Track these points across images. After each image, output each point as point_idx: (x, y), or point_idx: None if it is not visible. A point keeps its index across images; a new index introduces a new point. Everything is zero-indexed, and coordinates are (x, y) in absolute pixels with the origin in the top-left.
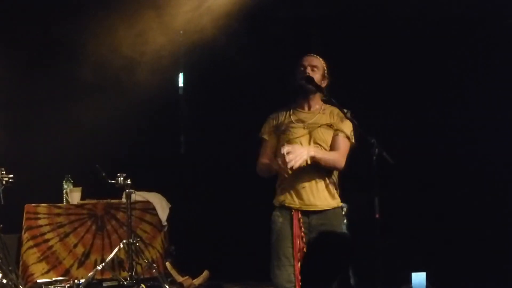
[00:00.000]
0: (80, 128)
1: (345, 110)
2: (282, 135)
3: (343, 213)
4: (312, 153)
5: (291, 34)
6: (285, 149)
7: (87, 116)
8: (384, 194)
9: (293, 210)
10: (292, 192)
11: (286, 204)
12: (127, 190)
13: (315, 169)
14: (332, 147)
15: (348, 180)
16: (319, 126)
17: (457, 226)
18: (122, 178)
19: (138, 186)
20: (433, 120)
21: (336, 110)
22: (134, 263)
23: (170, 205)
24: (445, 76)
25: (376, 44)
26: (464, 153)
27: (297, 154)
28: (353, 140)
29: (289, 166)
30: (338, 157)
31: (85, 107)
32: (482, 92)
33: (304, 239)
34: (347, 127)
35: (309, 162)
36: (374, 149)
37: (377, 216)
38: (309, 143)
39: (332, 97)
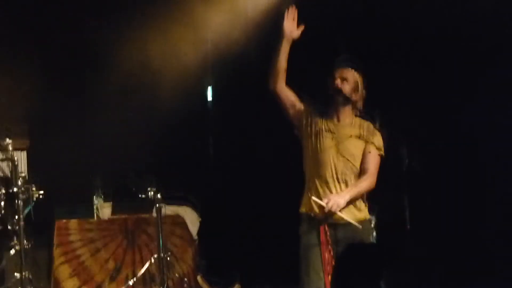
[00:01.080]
0: (109, 142)
1: (376, 122)
2: (312, 136)
3: (372, 225)
4: (347, 197)
5: (320, 42)
6: (324, 203)
7: (116, 131)
8: (415, 203)
9: (321, 224)
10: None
11: (313, 215)
12: (157, 205)
13: (343, 183)
14: (363, 166)
15: (378, 190)
16: (347, 139)
17: (487, 234)
18: (152, 193)
19: (168, 200)
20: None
21: (366, 123)
22: (165, 277)
23: (200, 219)
24: (477, 87)
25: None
26: (495, 161)
27: (334, 203)
28: (383, 153)
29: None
30: (371, 182)
31: (115, 122)
32: None
33: (332, 253)
34: (378, 140)
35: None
36: (404, 159)
37: (408, 227)
38: (336, 156)
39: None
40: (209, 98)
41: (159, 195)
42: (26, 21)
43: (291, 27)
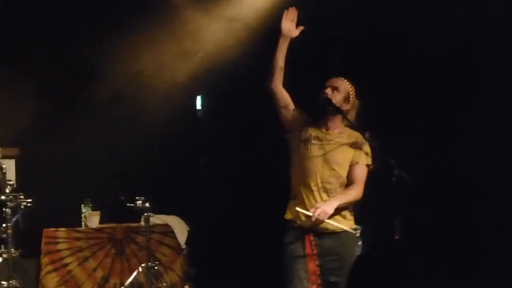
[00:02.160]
0: (98, 151)
1: (365, 132)
2: (300, 143)
3: (357, 235)
4: (335, 204)
5: (312, 56)
6: (311, 212)
7: (105, 140)
8: (404, 215)
9: (306, 233)
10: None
11: (298, 223)
12: (145, 214)
13: (326, 192)
14: (351, 177)
15: (368, 201)
16: (335, 148)
17: (479, 246)
18: (140, 202)
19: (157, 209)
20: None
21: (355, 134)
22: (153, 287)
23: (188, 228)
24: (467, 97)
25: (396, 65)
26: (486, 173)
27: (321, 211)
28: (371, 162)
29: (318, 222)
30: (358, 192)
31: (103, 130)
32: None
33: (317, 262)
34: (366, 151)
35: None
36: (394, 170)
37: (396, 237)
38: (322, 164)
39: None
40: (198, 106)
41: (147, 204)
42: (15, 32)
43: (289, 26)
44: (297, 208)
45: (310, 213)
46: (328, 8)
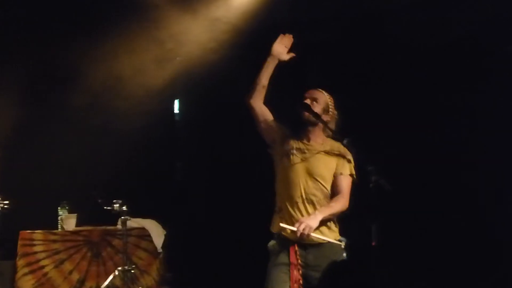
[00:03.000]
0: (75, 154)
1: (343, 139)
2: (283, 156)
3: (342, 246)
4: (319, 217)
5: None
6: (296, 227)
7: (83, 143)
8: (382, 221)
9: (291, 244)
10: (290, 224)
11: (284, 235)
12: (122, 217)
13: (311, 204)
14: (336, 188)
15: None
16: (317, 160)
17: (456, 252)
18: (118, 205)
19: (134, 212)
20: (432, 146)
21: (337, 144)
22: None
23: (165, 232)
24: (444, 103)
25: (375, 70)
26: (463, 179)
27: (305, 225)
28: (355, 174)
29: (304, 236)
30: (343, 203)
31: (80, 133)
32: (481, 118)
33: (300, 271)
34: (350, 162)
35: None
36: (371, 176)
37: (373, 244)
38: (306, 176)
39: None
40: (176, 110)
41: (124, 208)
42: None
43: (281, 50)
44: (281, 224)
45: (294, 228)
46: (307, 12)
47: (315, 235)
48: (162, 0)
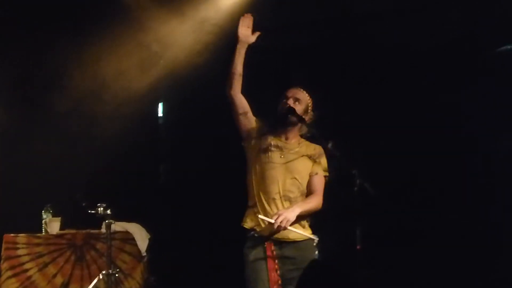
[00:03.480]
0: (59, 158)
1: (328, 142)
2: (260, 152)
3: (314, 244)
4: (297, 211)
5: (273, 64)
6: (273, 219)
7: (66, 146)
8: (366, 225)
9: (266, 242)
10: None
11: (258, 232)
12: (106, 221)
13: (288, 201)
14: (311, 187)
15: (330, 211)
16: (295, 158)
17: (439, 257)
18: (102, 208)
19: (118, 216)
20: (417, 150)
21: (312, 145)
22: None
23: (149, 236)
24: (430, 107)
25: (358, 75)
26: (448, 184)
27: (284, 218)
28: (328, 174)
29: (281, 229)
30: (318, 201)
31: (64, 137)
32: (467, 122)
33: (278, 272)
34: (324, 162)
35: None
36: (355, 180)
37: (358, 247)
38: (284, 173)
39: (314, 128)
40: (160, 114)
41: (108, 211)
42: None
43: (246, 32)
44: (260, 216)
45: (272, 220)
46: (292, 15)
47: (292, 228)
48: (146, 3)
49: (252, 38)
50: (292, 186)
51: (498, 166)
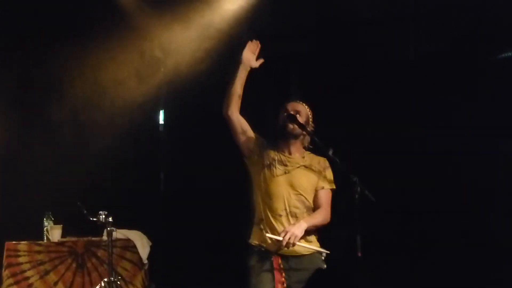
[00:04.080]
0: (60, 165)
1: (328, 149)
2: (264, 168)
3: (322, 258)
4: (304, 226)
5: (273, 71)
6: (281, 237)
7: (68, 154)
8: (366, 232)
9: (273, 256)
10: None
11: (265, 247)
12: (108, 228)
13: (295, 217)
14: (317, 202)
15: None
16: (299, 172)
17: (440, 263)
18: (103, 216)
19: (119, 223)
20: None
21: (316, 158)
22: None
23: (150, 243)
24: (428, 114)
25: (355, 82)
26: (448, 190)
27: (291, 234)
28: (335, 187)
29: (289, 245)
30: (325, 216)
31: (65, 144)
32: (467, 129)
33: (285, 284)
34: (330, 175)
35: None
36: (356, 187)
37: (359, 254)
38: (289, 189)
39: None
40: (161, 121)
41: (110, 219)
42: None
43: (250, 57)
44: (267, 235)
45: (280, 238)
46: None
47: (300, 243)
48: (148, 11)
49: (255, 64)
50: (298, 202)
51: (498, 171)
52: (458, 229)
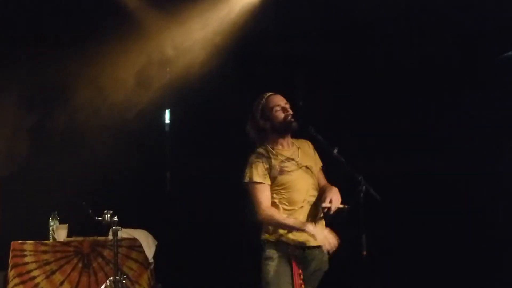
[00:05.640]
0: (66, 165)
1: (333, 148)
2: (279, 176)
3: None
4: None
5: (278, 71)
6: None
7: (74, 153)
8: (372, 231)
9: (290, 247)
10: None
11: (284, 239)
12: (113, 227)
13: (313, 204)
14: (322, 182)
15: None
16: (306, 161)
17: (444, 262)
18: (109, 215)
19: (125, 223)
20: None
21: (303, 142)
22: None
23: (156, 242)
24: (431, 115)
25: (360, 83)
26: (453, 189)
27: (336, 198)
28: None
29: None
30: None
31: (71, 144)
32: (470, 130)
33: (302, 276)
34: (316, 153)
35: None
36: (361, 186)
37: (364, 253)
38: (306, 179)
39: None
40: (167, 120)
41: (115, 218)
42: None
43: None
44: (323, 205)
45: (340, 206)
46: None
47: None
48: (154, 12)
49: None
50: (313, 189)
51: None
52: (464, 229)
